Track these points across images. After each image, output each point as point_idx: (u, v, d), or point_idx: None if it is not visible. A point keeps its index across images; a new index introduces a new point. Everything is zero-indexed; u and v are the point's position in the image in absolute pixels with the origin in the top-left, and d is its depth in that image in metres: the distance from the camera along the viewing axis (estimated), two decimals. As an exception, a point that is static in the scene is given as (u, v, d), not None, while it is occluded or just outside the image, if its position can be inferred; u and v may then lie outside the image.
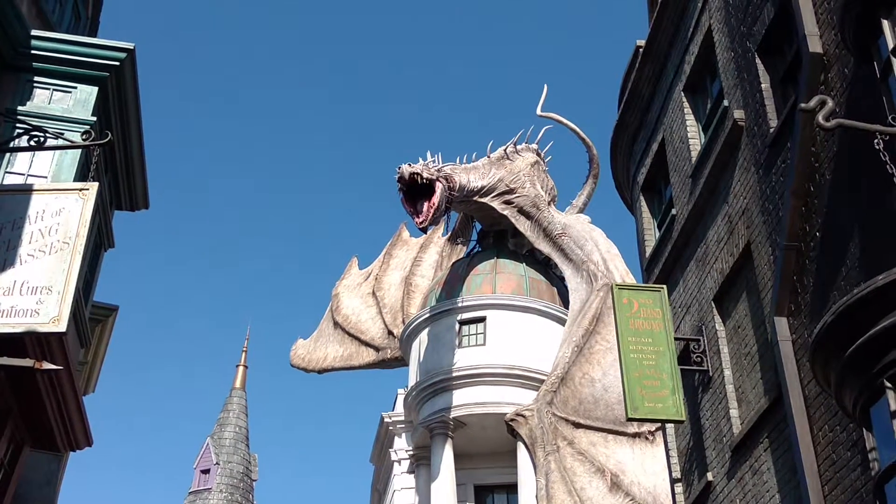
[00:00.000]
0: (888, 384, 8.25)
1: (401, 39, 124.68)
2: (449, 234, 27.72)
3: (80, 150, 14.15)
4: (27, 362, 11.87)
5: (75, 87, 14.94)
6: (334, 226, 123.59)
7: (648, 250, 18.09)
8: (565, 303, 22.78)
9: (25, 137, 12.86)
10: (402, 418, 26.26)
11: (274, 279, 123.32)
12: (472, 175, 22.68)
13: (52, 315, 11.46)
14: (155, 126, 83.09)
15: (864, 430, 9.25)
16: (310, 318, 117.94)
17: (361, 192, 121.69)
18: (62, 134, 13.44)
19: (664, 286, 15.58)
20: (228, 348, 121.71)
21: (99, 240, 16.55)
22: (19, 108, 14.37)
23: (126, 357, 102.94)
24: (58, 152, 14.08)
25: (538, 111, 25.15)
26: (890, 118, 9.04)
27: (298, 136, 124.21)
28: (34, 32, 14.75)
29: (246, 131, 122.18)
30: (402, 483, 25.88)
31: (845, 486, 10.11)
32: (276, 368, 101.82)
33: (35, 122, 13.55)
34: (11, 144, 13.54)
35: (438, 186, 20.75)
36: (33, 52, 14.71)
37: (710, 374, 14.42)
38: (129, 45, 15.25)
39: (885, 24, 9.40)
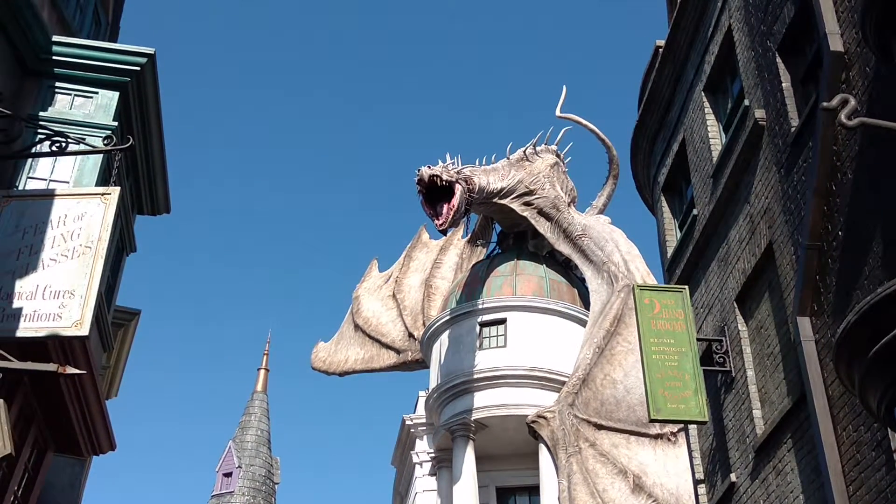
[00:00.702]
0: (913, 384, 8.20)
1: (420, 40, 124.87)
2: (469, 236, 27.68)
3: (101, 155, 14.20)
4: (50, 366, 11.90)
5: (97, 93, 15.00)
6: (354, 228, 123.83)
7: (670, 251, 18.05)
8: (586, 304, 22.73)
9: (47, 143, 12.90)
10: (424, 420, 26.26)
11: (294, 282, 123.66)
12: (492, 177, 22.66)
13: (75, 319, 11.51)
14: (176, 130, 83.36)
15: (888, 430, 9.21)
16: (330, 321, 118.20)
17: (381, 195, 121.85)
18: (84, 139, 13.50)
19: (686, 287, 15.53)
20: (250, 351, 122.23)
21: (121, 244, 16.61)
22: (41, 113, 14.43)
23: (148, 361, 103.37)
24: (79, 157, 14.15)
25: (557, 112, 25.15)
26: (912, 116, 9.00)
27: (319, 138, 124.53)
28: (55, 38, 14.82)
29: (266, 134, 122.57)
30: (424, 485, 25.88)
31: (870, 487, 10.06)
32: (298, 371, 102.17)
33: (57, 127, 13.60)
34: (34, 150, 13.59)
35: (458, 188, 20.73)
36: (55, 57, 14.78)
37: (733, 374, 14.38)
38: (150, 50, 15.31)
39: (907, 21, 9.35)
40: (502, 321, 24.18)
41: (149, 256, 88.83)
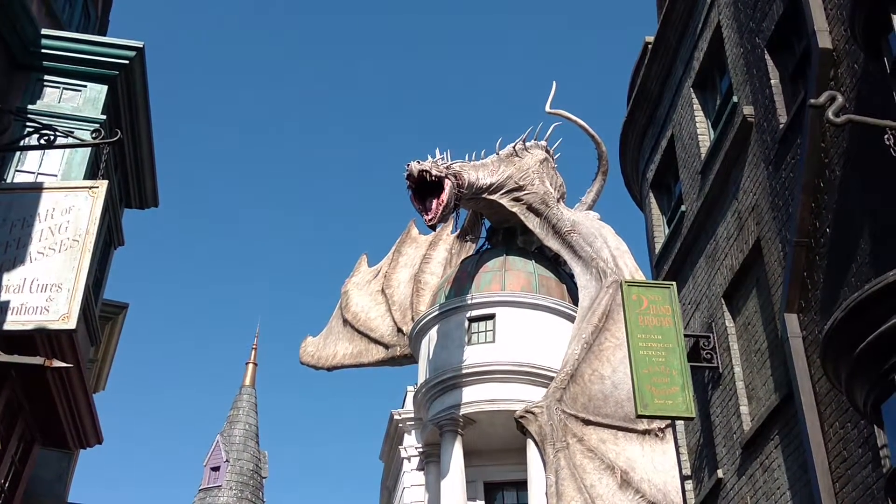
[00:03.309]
0: (899, 381, 8.24)
1: (409, 36, 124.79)
2: (458, 231, 27.69)
3: (89, 149, 14.19)
4: (37, 360, 11.90)
5: (85, 86, 14.98)
6: (343, 223, 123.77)
7: (658, 247, 18.08)
8: (575, 300, 22.75)
9: (35, 136, 12.88)
10: (412, 415, 26.26)
11: (283, 277, 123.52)
12: (481, 172, 22.68)
13: (62, 312, 11.48)
14: (164, 124, 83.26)
15: (875, 426, 9.25)
16: (319, 316, 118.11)
17: (370, 190, 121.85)
18: (72, 132, 13.46)
19: (674, 283, 15.55)
20: (238, 346, 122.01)
21: (108, 237, 16.58)
22: (30, 106, 14.40)
23: (136, 355, 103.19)
24: (68, 151, 14.13)
25: (547, 108, 25.13)
26: (900, 114, 9.03)
27: (307, 133, 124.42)
28: (44, 31, 14.79)
29: (254, 129, 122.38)
30: (412, 480, 25.88)
31: (856, 483, 10.09)
32: (286, 366, 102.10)
33: (45, 120, 13.57)
34: (22, 143, 13.57)
35: (447, 184, 20.74)
36: (43, 51, 14.76)
37: (720, 370, 14.41)
38: (139, 44, 15.29)
39: (895, 19, 9.38)
40: (491, 316, 24.20)
41: (137, 250, 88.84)
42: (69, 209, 12.16)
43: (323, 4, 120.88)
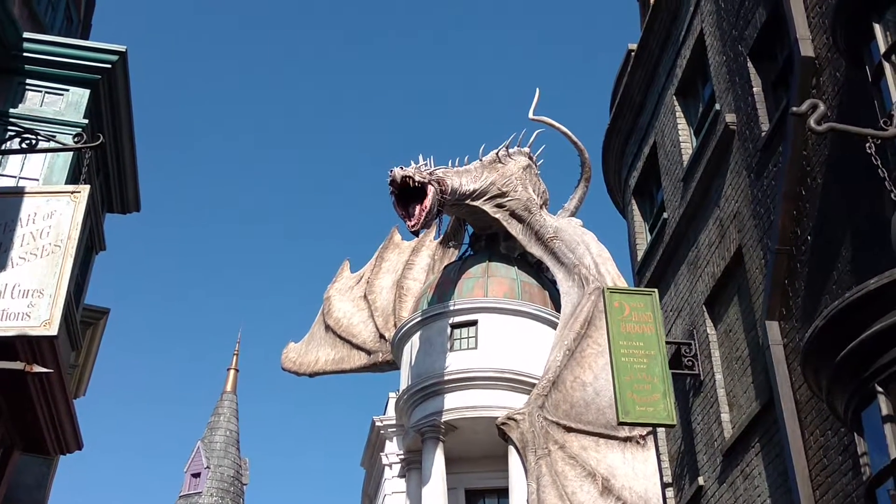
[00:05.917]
0: (879, 388, 8.25)
1: (394, 42, 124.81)
2: (441, 237, 27.64)
3: (71, 153, 14.13)
4: (18, 365, 11.84)
5: (67, 90, 14.93)
6: (326, 229, 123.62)
7: (640, 254, 18.10)
8: (557, 306, 22.76)
9: (17, 140, 12.84)
10: (394, 422, 26.21)
11: (265, 282, 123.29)
12: (465, 178, 22.65)
13: (44, 318, 11.43)
14: (146, 128, 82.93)
15: (855, 434, 9.26)
16: (301, 322, 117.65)
17: (353, 196, 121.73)
18: (54, 136, 13.41)
19: (655, 290, 15.57)
20: (219, 352, 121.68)
21: (90, 242, 16.53)
22: (11, 110, 14.36)
23: (117, 360, 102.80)
24: (49, 155, 14.07)
25: (530, 115, 25.14)
26: (881, 122, 9.05)
27: (290, 138, 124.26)
28: (26, 35, 14.73)
29: (237, 134, 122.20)
30: (393, 487, 25.83)
31: (837, 491, 10.11)
32: (268, 372, 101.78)
33: (27, 124, 13.53)
34: (3, 147, 13.51)
35: (430, 190, 20.69)
36: (25, 54, 14.70)
37: (702, 378, 14.42)
38: (121, 48, 15.25)
39: (877, 27, 9.42)
40: (473, 323, 24.16)
41: (118, 255, 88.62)
42: (51, 214, 12.11)
43: (307, 10, 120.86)
